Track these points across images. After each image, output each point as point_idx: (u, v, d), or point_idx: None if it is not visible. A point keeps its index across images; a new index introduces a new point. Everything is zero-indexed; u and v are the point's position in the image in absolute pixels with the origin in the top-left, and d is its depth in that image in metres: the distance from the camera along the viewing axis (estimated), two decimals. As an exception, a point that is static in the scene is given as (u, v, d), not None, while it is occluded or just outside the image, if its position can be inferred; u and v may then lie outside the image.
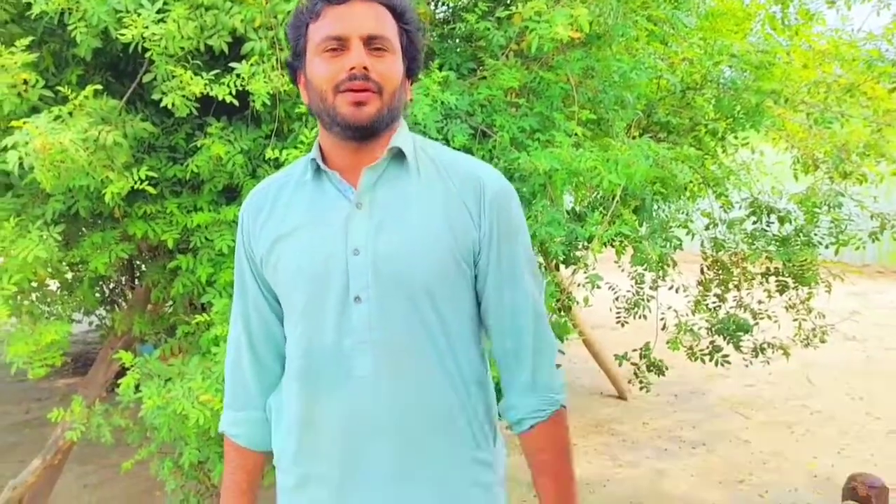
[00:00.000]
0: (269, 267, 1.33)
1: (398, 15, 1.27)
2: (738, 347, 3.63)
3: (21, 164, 2.00)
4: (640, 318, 3.78)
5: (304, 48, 1.27)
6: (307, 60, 1.27)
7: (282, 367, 1.42)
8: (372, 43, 1.22)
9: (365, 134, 1.25)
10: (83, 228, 2.63)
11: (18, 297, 2.53)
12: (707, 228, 3.77)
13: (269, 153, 2.29)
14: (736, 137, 3.67)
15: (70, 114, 2.14)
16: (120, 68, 2.61)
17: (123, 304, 4.94)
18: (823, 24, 4.17)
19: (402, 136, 1.32)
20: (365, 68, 1.20)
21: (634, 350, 3.76)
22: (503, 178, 1.36)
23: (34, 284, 2.61)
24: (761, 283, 3.77)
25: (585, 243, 2.80)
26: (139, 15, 2.12)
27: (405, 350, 1.28)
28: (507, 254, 1.33)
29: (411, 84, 1.36)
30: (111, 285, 5.07)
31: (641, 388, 3.65)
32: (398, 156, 1.31)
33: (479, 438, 1.36)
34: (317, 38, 1.24)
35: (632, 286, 3.83)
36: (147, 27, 2.10)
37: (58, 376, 6.13)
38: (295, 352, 1.34)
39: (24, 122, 1.99)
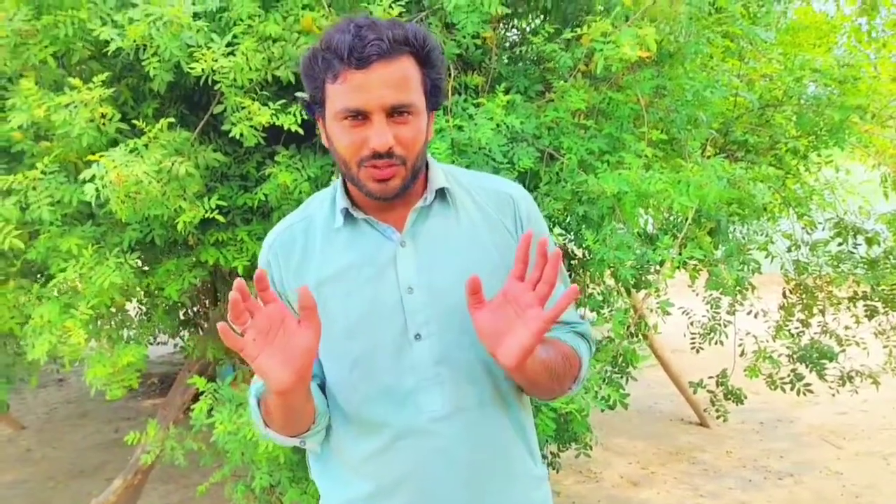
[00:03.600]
0: None
1: (422, 61, 1.21)
2: (821, 376, 3.46)
3: (98, 196, 2.08)
4: (716, 343, 3.64)
5: (321, 100, 1.22)
6: (326, 115, 1.22)
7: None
8: (395, 109, 1.17)
9: (392, 201, 1.25)
10: (160, 256, 2.71)
11: (99, 322, 2.62)
12: (789, 251, 3.61)
13: (334, 180, 2.31)
14: (819, 155, 3.52)
15: (146, 146, 2.22)
16: (194, 101, 2.69)
17: (207, 326, 5.07)
18: (915, 36, 4.00)
19: (438, 174, 1.33)
20: (390, 148, 1.17)
21: (711, 377, 3.62)
22: (520, 186, 1.42)
23: (112, 310, 2.70)
24: (848, 307, 3.59)
25: (657, 267, 2.72)
26: (209, 49, 2.19)
27: (468, 381, 1.29)
28: None
29: (434, 114, 1.32)
30: (195, 308, 5.23)
31: (718, 417, 3.51)
32: (438, 193, 1.32)
33: (534, 455, 1.40)
34: (336, 105, 1.18)
35: (707, 311, 3.70)
36: (216, 60, 2.16)
37: (145, 396, 6.36)
38: (354, 400, 1.29)
39: (101, 156, 2.06)
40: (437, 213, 1.32)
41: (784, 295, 3.81)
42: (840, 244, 3.46)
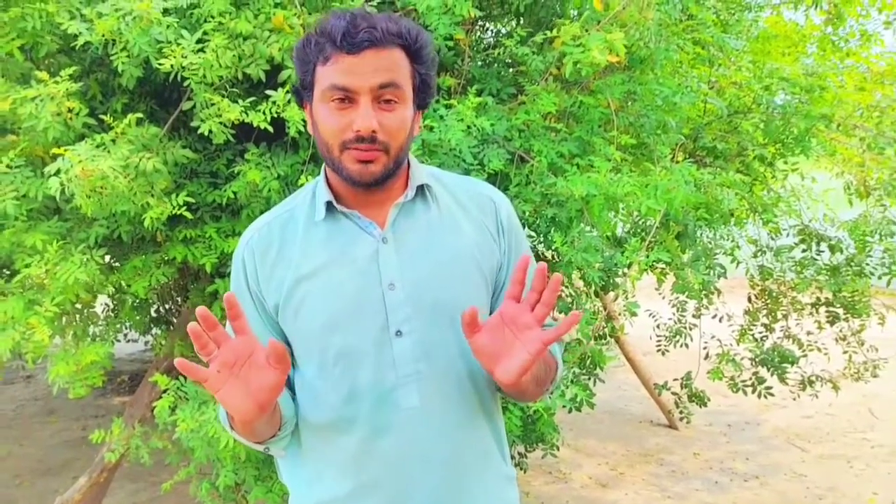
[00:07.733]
0: (289, 311, 1.28)
1: (413, 56, 1.23)
2: (783, 380, 3.51)
3: (63, 191, 2.06)
4: (681, 346, 3.68)
5: (311, 84, 1.24)
6: (314, 98, 1.24)
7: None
8: (382, 93, 1.19)
9: (371, 188, 1.25)
10: (127, 252, 2.69)
11: (63, 319, 2.59)
12: (754, 256, 3.66)
13: (302, 180, 2.32)
14: (785, 163, 3.57)
15: (113, 141, 2.20)
16: (164, 97, 2.68)
17: (177, 323, 5.02)
18: (882, 46, 4.06)
19: (419, 171, 1.34)
20: (373, 132, 1.18)
21: (677, 380, 3.67)
22: (499, 191, 1.43)
23: (78, 306, 2.67)
24: (811, 313, 3.64)
25: (625, 270, 2.75)
26: (179, 45, 2.18)
27: (448, 377, 1.29)
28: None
29: (422, 113, 1.34)
30: (167, 306, 5.18)
31: (682, 419, 3.55)
32: (419, 190, 1.32)
33: (505, 455, 1.41)
34: (324, 84, 1.19)
35: (673, 314, 3.74)
36: (186, 57, 2.16)
37: (114, 394, 6.31)
38: (333, 396, 1.28)
39: (66, 150, 2.05)
40: (418, 210, 1.32)
41: (750, 300, 3.86)
42: (804, 250, 3.51)
